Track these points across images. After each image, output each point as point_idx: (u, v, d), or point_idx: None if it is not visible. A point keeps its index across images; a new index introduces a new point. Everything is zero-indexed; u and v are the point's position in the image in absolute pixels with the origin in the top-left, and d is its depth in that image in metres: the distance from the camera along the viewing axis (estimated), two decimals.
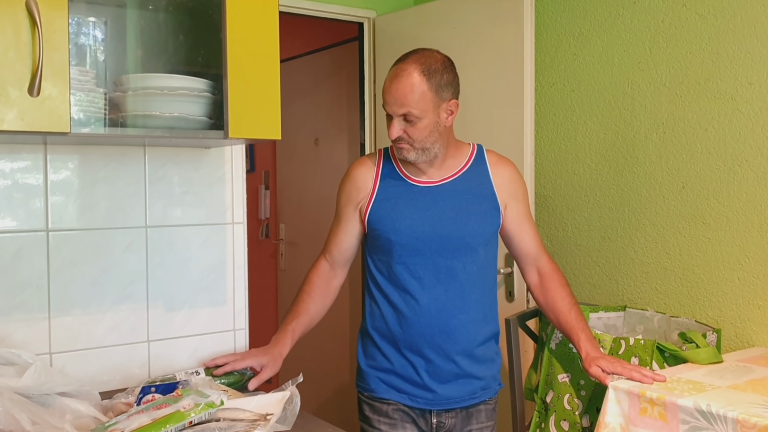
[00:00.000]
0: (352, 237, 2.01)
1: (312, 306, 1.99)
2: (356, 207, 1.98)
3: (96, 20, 1.70)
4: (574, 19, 2.80)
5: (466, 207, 1.94)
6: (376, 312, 1.97)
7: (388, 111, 1.88)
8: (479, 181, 1.97)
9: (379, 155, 2.01)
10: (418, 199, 1.93)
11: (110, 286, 1.83)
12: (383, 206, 1.94)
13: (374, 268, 1.98)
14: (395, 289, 1.94)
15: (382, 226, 1.92)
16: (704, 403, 1.65)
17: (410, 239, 1.90)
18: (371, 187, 1.96)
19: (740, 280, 2.31)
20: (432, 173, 1.96)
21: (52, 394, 1.48)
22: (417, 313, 1.91)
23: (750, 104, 2.28)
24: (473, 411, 2.00)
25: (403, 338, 1.93)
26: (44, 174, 1.74)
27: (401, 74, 1.85)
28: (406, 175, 1.96)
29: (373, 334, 1.98)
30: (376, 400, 1.99)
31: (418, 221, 1.91)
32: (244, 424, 1.38)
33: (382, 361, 1.97)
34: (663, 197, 2.53)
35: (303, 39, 4.14)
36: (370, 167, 1.99)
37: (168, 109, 1.57)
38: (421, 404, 1.96)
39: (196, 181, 1.94)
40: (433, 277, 1.92)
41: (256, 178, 4.68)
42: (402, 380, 1.96)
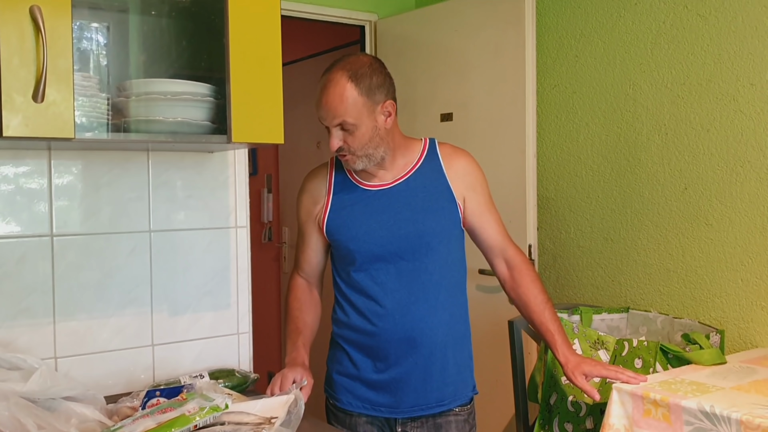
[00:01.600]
0: (319, 251, 1.97)
1: (308, 319, 1.96)
2: (315, 219, 1.93)
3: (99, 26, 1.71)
4: (576, 21, 2.80)
5: (421, 205, 1.87)
6: (343, 319, 1.92)
7: (323, 123, 1.83)
8: (433, 177, 1.90)
9: (331, 164, 1.95)
10: (373, 203, 1.87)
11: (114, 291, 1.83)
12: (339, 215, 1.89)
13: (338, 277, 1.94)
14: (359, 295, 1.88)
15: (340, 236, 1.88)
16: (708, 405, 1.65)
17: (369, 246, 1.85)
18: (325, 198, 1.92)
19: (743, 281, 2.31)
20: (383, 175, 1.89)
21: (58, 398, 1.48)
22: (383, 319, 1.85)
23: (752, 105, 2.28)
24: (442, 422, 1.89)
25: (370, 344, 1.87)
26: (48, 179, 1.75)
27: (329, 84, 1.79)
28: (358, 181, 1.90)
29: (340, 340, 1.94)
30: (339, 410, 1.94)
31: (374, 226, 1.85)
32: (248, 428, 1.38)
33: (348, 366, 1.92)
34: (665, 198, 2.53)
35: (305, 42, 4.15)
36: (323, 178, 1.94)
37: (171, 113, 1.58)
38: (385, 413, 1.88)
39: (200, 185, 1.95)
40: (396, 281, 1.86)
41: (258, 181, 4.69)
42: (367, 387, 1.89)
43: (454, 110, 3.05)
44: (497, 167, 2.89)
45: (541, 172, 2.94)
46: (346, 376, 1.93)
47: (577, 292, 2.86)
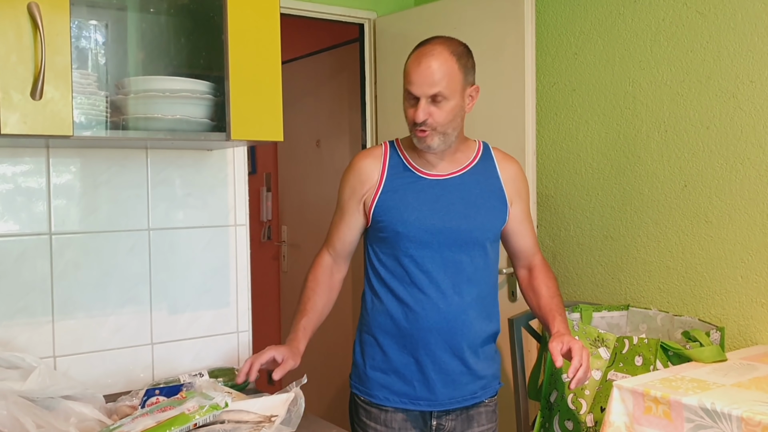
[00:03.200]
0: (355, 230, 1.96)
1: (319, 302, 1.95)
2: (360, 199, 1.92)
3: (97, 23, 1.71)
4: (575, 19, 2.80)
5: (475, 201, 1.92)
6: (379, 308, 1.92)
7: (415, 93, 1.81)
8: (487, 176, 1.95)
9: (385, 147, 1.96)
10: (427, 191, 1.90)
11: (113, 289, 1.83)
12: (390, 198, 1.89)
13: (377, 262, 1.93)
14: (401, 283, 1.89)
15: (389, 218, 1.88)
16: (708, 402, 1.65)
17: (418, 231, 1.87)
18: (377, 179, 1.91)
19: (743, 278, 2.31)
20: (442, 166, 1.92)
21: (57, 397, 1.48)
22: (425, 308, 1.87)
23: (751, 102, 2.28)
24: (474, 413, 1.95)
25: (410, 334, 1.88)
26: (47, 177, 1.74)
27: (431, 54, 1.80)
28: (416, 168, 1.92)
29: (375, 331, 1.93)
30: (373, 405, 1.93)
31: (426, 213, 1.87)
32: (248, 426, 1.38)
33: (383, 361, 1.92)
34: (665, 196, 2.53)
35: (304, 40, 4.14)
36: (377, 158, 1.94)
37: (170, 111, 1.57)
38: (422, 407, 1.90)
39: (199, 183, 1.94)
40: (441, 271, 1.88)
41: (257, 180, 4.69)
42: (403, 382, 1.90)
43: None
44: None
45: (540, 169, 2.94)
46: (381, 371, 1.92)
47: (577, 289, 2.86)
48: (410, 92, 1.82)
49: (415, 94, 1.81)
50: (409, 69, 1.83)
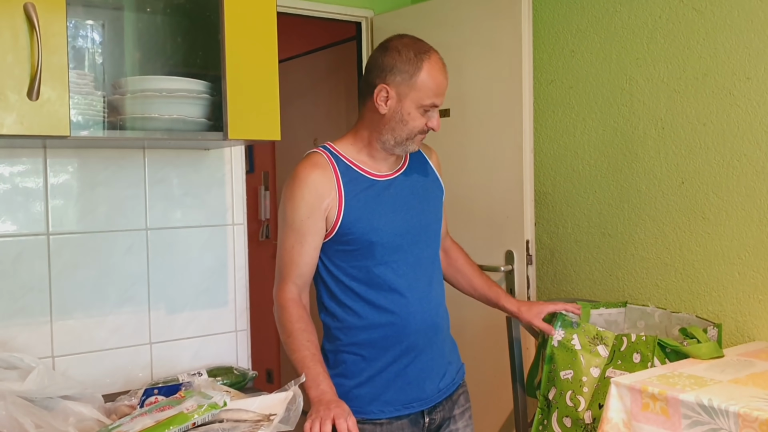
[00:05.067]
0: (316, 250, 1.82)
1: (315, 340, 1.82)
2: (322, 216, 1.78)
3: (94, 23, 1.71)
4: (572, 16, 2.80)
5: (423, 195, 1.91)
6: (358, 323, 1.83)
7: (438, 103, 1.81)
8: (423, 169, 1.95)
9: (326, 155, 1.84)
10: (383, 194, 1.84)
11: (111, 289, 1.83)
12: (355, 207, 1.79)
13: (345, 277, 1.82)
14: (379, 292, 1.82)
15: (360, 228, 1.79)
16: (706, 398, 1.65)
17: (390, 237, 1.82)
18: (336, 190, 1.79)
19: (740, 274, 2.32)
20: (387, 166, 1.88)
21: (55, 397, 1.48)
22: (411, 311, 1.83)
23: (748, 99, 2.28)
24: (455, 397, 1.97)
25: (398, 341, 1.83)
26: (44, 178, 1.74)
27: (444, 66, 1.82)
28: (365, 171, 1.84)
29: (354, 348, 1.84)
30: (366, 422, 1.81)
31: (391, 217, 1.83)
32: (247, 425, 1.38)
33: (370, 375, 1.84)
34: (662, 193, 2.53)
35: (301, 39, 4.14)
36: (325, 168, 1.80)
37: (167, 111, 1.57)
38: (415, 408, 1.87)
39: (196, 182, 1.94)
40: (413, 271, 1.86)
41: (255, 179, 4.69)
42: (394, 390, 1.84)
43: (451, 106, 3.04)
44: (494, 163, 2.89)
45: (538, 167, 2.94)
46: (370, 385, 1.84)
47: (575, 286, 2.86)
48: (434, 104, 1.80)
49: (439, 105, 1.81)
50: (437, 81, 1.79)
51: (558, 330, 2.25)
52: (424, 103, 1.78)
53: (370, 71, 1.82)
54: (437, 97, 1.79)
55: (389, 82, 1.78)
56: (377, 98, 1.79)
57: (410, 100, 1.77)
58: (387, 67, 1.78)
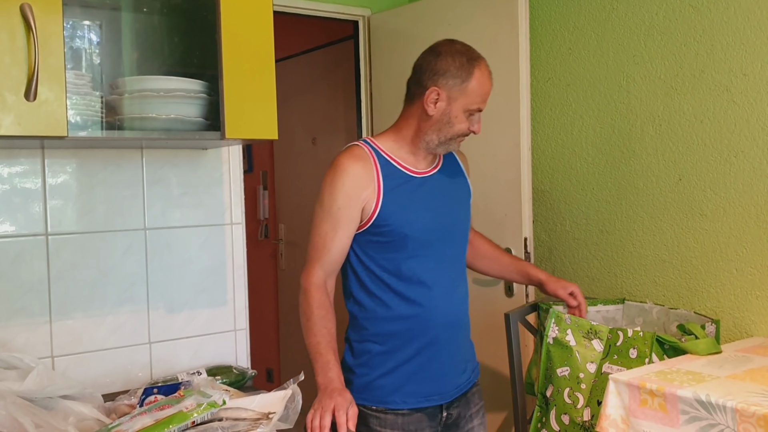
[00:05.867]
0: (349, 239, 1.88)
1: (332, 328, 1.87)
2: (360, 205, 1.85)
3: (91, 24, 1.71)
4: (569, 14, 2.80)
5: (455, 194, 2.00)
6: (384, 314, 1.89)
7: (482, 108, 1.91)
8: (455, 171, 2.03)
9: (367, 148, 1.91)
10: (419, 190, 1.92)
11: (110, 289, 1.84)
12: (392, 201, 1.86)
13: (379, 268, 1.89)
14: (409, 284, 1.88)
15: (395, 221, 1.85)
16: (703, 394, 1.66)
17: (422, 231, 1.89)
18: (375, 183, 1.86)
19: (738, 270, 2.32)
20: (423, 164, 1.95)
21: (55, 397, 1.48)
22: (437, 305, 1.90)
23: (745, 95, 2.28)
24: (469, 395, 2.03)
25: (423, 333, 1.90)
26: (42, 178, 1.75)
27: (491, 74, 1.92)
28: (403, 167, 1.92)
29: (379, 338, 1.90)
30: (388, 412, 1.89)
31: (424, 212, 1.90)
32: (246, 423, 1.39)
33: (394, 366, 1.90)
34: (660, 190, 2.54)
35: (298, 38, 4.14)
36: (366, 161, 1.88)
37: (164, 110, 1.58)
38: (435, 401, 1.93)
39: (194, 182, 1.95)
40: (441, 266, 1.93)
41: (254, 178, 4.69)
42: (416, 381, 1.90)
43: None
44: (492, 160, 2.90)
45: (535, 164, 2.95)
46: (392, 376, 1.89)
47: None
48: (480, 108, 1.90)
49: (482, 108, 1.91)
50: (486, 87, 1.90)
51: (552, 326, 2.26)
52: (472, 107, 1.88)
53: (422, 73, 1.90)
54: (483, 102, 1.91)
55: (441, 86, 1.86)
56: (427, 99, 1.87)
57: (459, 104, 1.87)
58: (440, 71, 1.87)
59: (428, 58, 1.92)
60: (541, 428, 2.30)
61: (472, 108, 1.88)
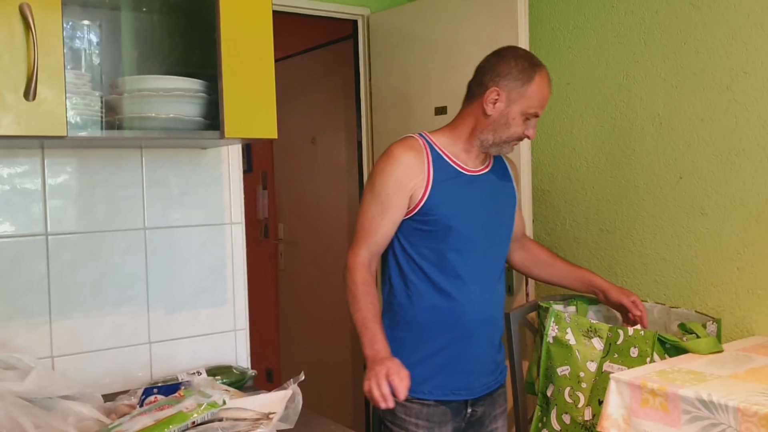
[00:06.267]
0: (395, 224, 1.95)
1: (377, 304, 1.95)
2: (408, 193, 1.92)
3: (90, 23, 1.70)
4: (569, 13, 2.80)
5: (501, 197, 2.05)
6: (420, 303, 1.95)
7: (540, 114, 1.95)
8: (503, 174, 2.09)
9: (422, 141, 1.98)
10: (468, 187, 1.98)
11: (110, 289, 1.83)
12: (440, 192, 1.92)
13: (418, 255, 1.95)
14: (446, 276, 1.93)
15: (441, 212, 1.91)
16: (705, 393, 1.65)
17: (466, 226, 1.94)
18: (425, 173, 1.93)
19: (739, 269, 2.32)
20: (474, 163, 2.01)
21: (55, 397, 1.48)
22: (471, 300, 1.95)
23: (746, 94, 2.28)
24: (495, 396, 2.07)
25: (455, 326, 1.94)
26: (42, 178, 1.74)
27: (550, 81, 1.98)
28: (455, 163, 1.98)
29: (413, 327, 1.96)
30: (414, 401, 1.94)
31: (472, 208, 1.96)
32: (246, 424, 1.38)
33: (424, 356, 1.95)
34: (660, 189, 2.53)
35: (297, 38, 4.14)
36: (419, 152, 1.95)
37: (164, 110, 1.57)
38: (462, 396, 1.98)
39: (194, 182, 1.94)
40: (480, 264, 1.97)
41: (253, 178, 4.69)
42: (445, 374, 1.95)
43: (449, 103, 3.04)
44: None
45: (535, 164, 2.94)
46: (422, 365, 1.95)
47: None
48: (537, 113, 1.94)
49: (539, 114, 1.95)
50: (545, 94, 1.95)
51: (552, 325, 2.26)
52: (530, 111, 1.93)
53: (484, 74, 1.98)
54: (541, 108, 1.95)
55: (501, 87, 1.93)
56: (487, 99, 1.94)
57: (518, 107, 1.92)
58: (502, 73, 1.94)
59: (491, 60, 2.00)
60: (542, 428, 2.30)
61: (529, 112, 1.93)
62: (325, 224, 4.08)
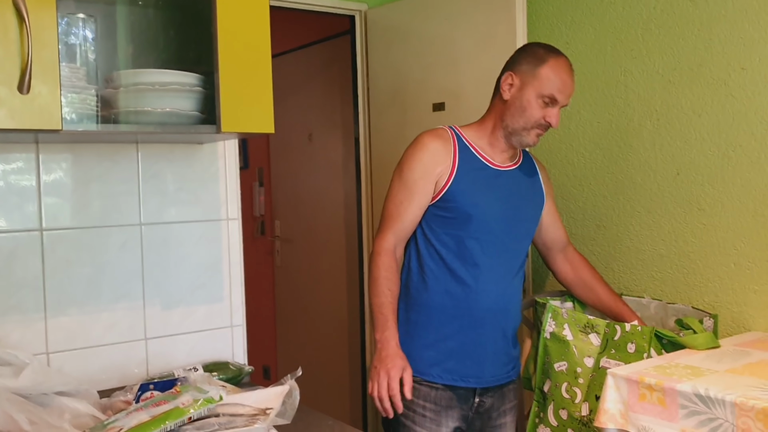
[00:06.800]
0: (421, 210, 1.99)
1: (396, 291, 1.99)
2: (433, 179, 1.97)
3: (85, 17, 1.69)
4: (566, 8, 2.80)
5: (526, 194, 2.08)
6: (436, 287, 1.98)
7: (561, 101, 1.96)
8: (531, 173, 2.13)
9: (451, 132, 2.04)
10: (493, 180, 2.01)
11: (106, 285, 1.82)
12: (463, 180, 1.97)
13: (437, 242, 1.99)
14: (463, 264, 1.97)
15: (463, 200, 1.95)
16: (702, 388, 1.65)
17: (486, 216, 1.97)
18: (451, 161, 1.97)
19: (736, 265, 2.32)
20: (502, 159, 2.05)
21: (50, 393, 1.47)
22: (486, 289, 1.98)
23: (743, 89, 2.28)
24: (506, 390, 2.10)
25: (468, 313, 1.97)
26: (37, 174, 1.73)
27: (571, 69, 2.00)
28: (483, 156, 2.02)
29: (428, 310, 1.99)
30: (423, 383, 1.99)
31: (494, 200, 1.99)
32: (243, 419, 1.38)
33: (436, 339, 1.99)
34: (657, 184, 2.53)
35: (294, 34, 4.13)
36: (447, 141, 2.00)
37: (160, 104, 1.56)
38: (471, 384, 2.00)
39: (190, 177, 1.93)
40: (499, 256, 2.00)
41: (250, 175, 4.68)
42: (456, 359, 1.98)
43: (446, 100, 3.04)
44: None
45: None
46: (434, 349, 1.99)
47: None
48: (554, 98, 1.94)
49: (560, 101, 1.96)
50: (563, 77, 1.95)
51: (549, 321, 2.26)
52: (544, 92, 1.93)
53: (505, 67, 2.04)
54: (559, 92, 1.94)
55: (515, 71, 1.99)
56: (503, 84, 2.00)
57: (532, 88, 1.94)
58: (518, 60, 2.01)
59: (513, 54, 2.05)
60: (539, 423, 2.30)
61: (544, 93, 1.94)
62: (321, 221, 4.08)
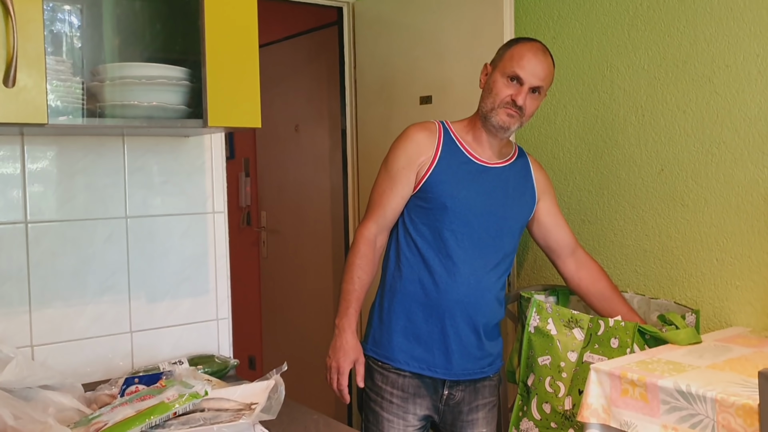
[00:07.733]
0: (404, 198, 2.03)
1: (366, 279, 2.03)
2: (415, 169, 2.01)
3: (71, 8, 1.68)
4: (553, 3, 2.80)
5: (513, 193, 2.09)
6: (410, 276, 2.01)
7: (524, 78, 1.97)
8: (523, 174, 2.14)
9: (438, 126, 2.08)
10: (474, 175, 2.03)
11: (91, 278, 1.82)
12: (443, 172, 2.00)
13: (414, 231, 2.02)
14: (437, 254, 1.99)
15: (440, 191, 1.98)
16: (684, 384, 1.67)
17: (463, 209, 1.99)
18: (433, 153, 2.01)
19: (718, 260, 2.34)
20: (489, 155, 2.07)
21: (35, 387, 1.47)
22: (457, 281, 1.99)
23: (727, 86, 2.29)
24: (480, 386, 2.10)
25: (438, 303, 1.99)
26: (22, 165, 1.72)
27: (543, 51, 2.01)
28: (468, 151, 2.04)
29: (401, 298, 2.02)
30: (391, 370, 2.03)
31: (473, 194, 2.00)
32: (228, 414, 1.38)
33: (407, 327, 2.02)
34: (642, 180, 2.55)
35: (281, 24, 4.11)
36: (432, 133, 2.05)
37: (146, 98, 1.56)
38: (439, 374, 2.02)
39: (176, 170, 1.93)
40: (475, 249, 2.01)
41: (236, 165, 4.66)
42: (424, 348, 2.01)
43: (434, 93, 3.04)
44: None
45: None
46: (404, 336, 2.02)
47: (555, 273, 2.87)
48: (518, 75, 1.96)
49: (524, 79, 1.96)
50: (523, 54, 1.97)
51: (533, 315, 2.27)
52: (506, 70, 1.97)
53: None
54: (521, 69, 1.96)
55: (491, 62, 2.07)
56: (480, 75, 2.09)
57: (498, 70, 2.04)
58: (496, 53, 2.07)
59: None
60: (523, 417, 2.32)
61: (507, 71, 1.97)
62: (307, 212, 4.07)
